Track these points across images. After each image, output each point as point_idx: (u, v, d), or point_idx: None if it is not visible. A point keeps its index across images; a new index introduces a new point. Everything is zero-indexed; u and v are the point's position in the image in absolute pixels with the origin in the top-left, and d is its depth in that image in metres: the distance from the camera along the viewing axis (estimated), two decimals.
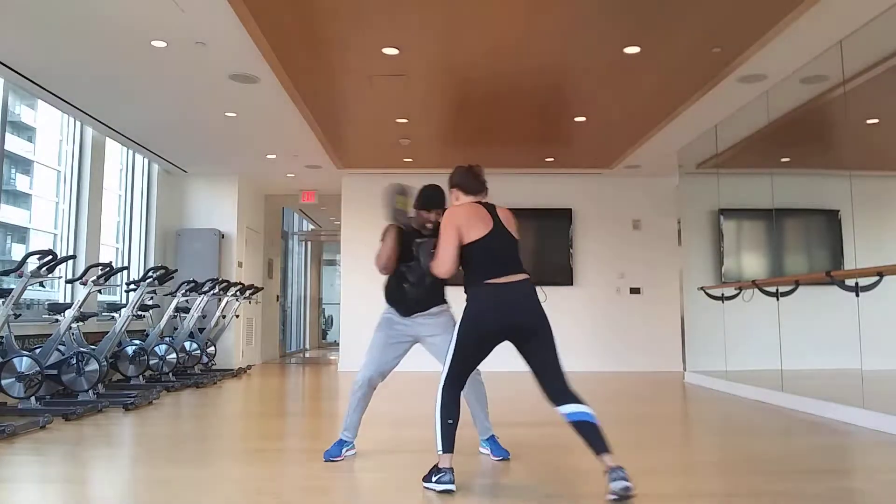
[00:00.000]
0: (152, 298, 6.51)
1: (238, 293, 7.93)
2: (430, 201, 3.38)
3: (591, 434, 2.68)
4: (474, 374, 3.54)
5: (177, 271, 6.62)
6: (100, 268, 5.46)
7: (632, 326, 8.70)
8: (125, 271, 7.44)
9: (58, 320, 5.17)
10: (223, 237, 8.74)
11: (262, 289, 9.22)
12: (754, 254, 6.80)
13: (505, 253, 2.94)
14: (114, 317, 6.30)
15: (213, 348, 7.90)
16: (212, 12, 4.16)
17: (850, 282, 4.42)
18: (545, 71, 5.37)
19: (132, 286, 6.07)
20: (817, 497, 2.82)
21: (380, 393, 3.70)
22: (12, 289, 4.46)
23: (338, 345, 9.89)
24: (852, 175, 4.65)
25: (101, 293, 6.86)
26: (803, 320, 5.42)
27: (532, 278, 2.98)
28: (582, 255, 8.87)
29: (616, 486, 2.55)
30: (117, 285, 7.44)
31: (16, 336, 4.82)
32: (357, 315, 8.76)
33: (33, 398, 4.73)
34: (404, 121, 6.69)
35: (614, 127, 6.87)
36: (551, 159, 8.24)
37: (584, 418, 2.69)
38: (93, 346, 5.42)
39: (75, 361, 5.06)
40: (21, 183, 6.54)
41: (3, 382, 4.59)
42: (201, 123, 6.65)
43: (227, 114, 6.27)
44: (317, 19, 4.45)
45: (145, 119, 6.50)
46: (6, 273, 4.68)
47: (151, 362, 6.46)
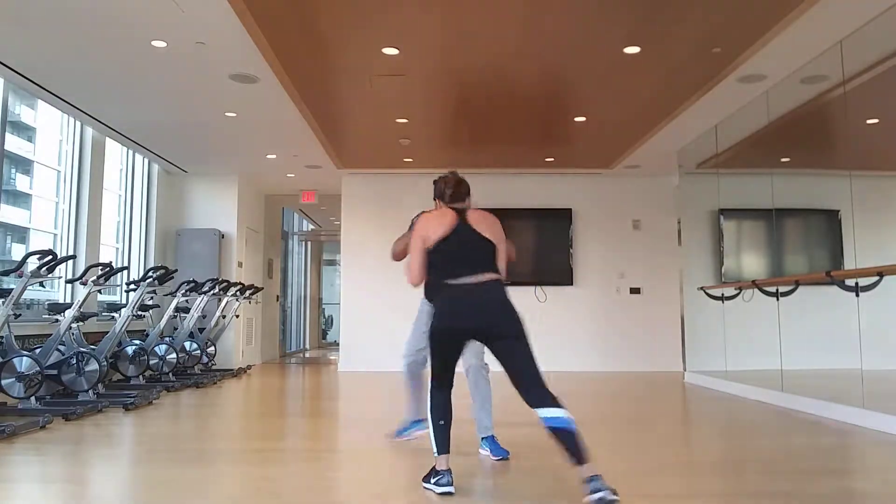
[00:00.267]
0: (152, 298, 6.51)
1: (238, 293, 7.93)
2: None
3: (568, 442, 2.54)
4: (481, 371, 3.65)
5: (177, 271, 6.61)
6: (100, 268, 5.46)
7: (632, 326, 8.70)
8: (125, 271, 7.44)
9: (58, 320, 5.17)
10: (223, 237, 8.74)
11: (262, 289, 9.21)
12: (754, 254, 6.80)
13: (467, 254, 2.86)
14: (114, 317, 6.30)
15: (213, 348, 7.90)
16: (212, 12, 4.16)
17: (850, 282, 4.42)
18: (545, 71, 5.37)
19: (132, 286, 6.07)
20: (817, 497, 2.82)
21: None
22: (12, 289, 4.46)
23: (338, 345, 9.89)
24: (852, 175, 4.65)
25: (101, 293, 6.86)
26: (803, 320, 5.42)
27: (532, 278, 2.98)
28: (582, 255, 8.87)
29: (593, 498, 2.41)
30: (117, 285, 7.44)
31: (16, 336, 4.82)
32: (357, 315, 8.76)
33: (33, 398, 4.73)
34: (404, 121, 6.69)
35: (614, 127, 6.87)
36: (551, 159, 8.24)
37: (562, 425, 2.56)
38: (93, 346, 5.42)
39: (75, 361, 5.06)
40: (21, 183, 6.54)
41: (3, 382, 4.59)
42: (201, 123, 6.65)
43: (227, 114, 6.27)
44: (317, 19, 4.45)
45: (145, 119, 6.50)
46: (6, 273, 4.68)
47: (151, 362, 6.46)
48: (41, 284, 5.79)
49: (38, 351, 4.91)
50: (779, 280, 5.54)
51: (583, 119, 6.62)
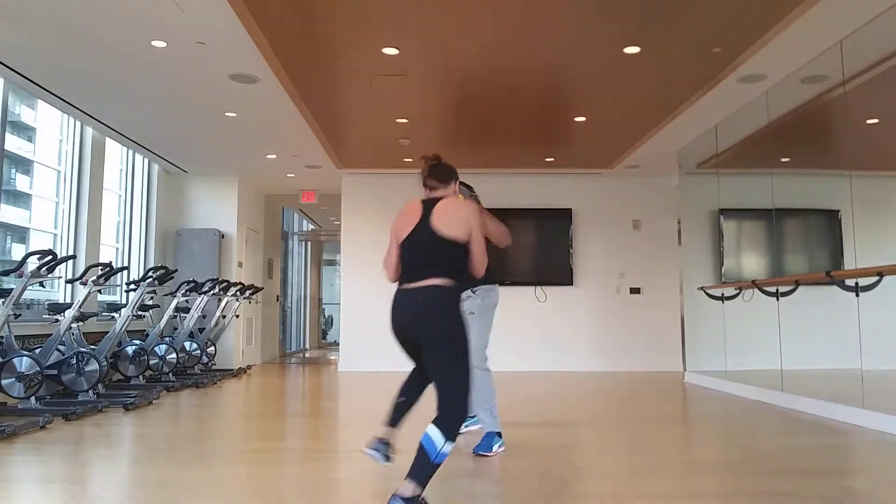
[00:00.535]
0: (152, 298, 6.51)
1: (238, 293, 7.94)
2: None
3: (419, 456, 2.39)
4: (485, 373, 3.73)
5: (177, 271, 6.62)
6: (100, 268, 5.46)
7: (632, 326, 8.70)
8: (125, 271, 7.45)
9: (58, 320, 5.17)
10: (223, 237, 8.74)
11: (262, 289, 9.22)
12: (754, 254, 6.80)
13: (416, 256, 2.67)
14: (114, 317, 6.30)
15: (213, 348, 7.90)
16: (212, 12, 4.16)
17: (850, 282, 4.42)
18: (545, 71, 5.37)
19: (132, 286, 6.07)
20: (817, 497, 2.82)
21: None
22: (12, 289, 4.46)
23: (338, 345, 9.89)
24: (852, 175, 4.65)
25: (101, 293, 6.86)
26: (803, 320, 5.42)
27: (532, 278, 2.95)
28: (582, 255, 8.87)
29: None
30: (117, 285, 7.45)
31: (16, 336, 4.82)
32: (357, 315, 8.76)
33: (33, 398, 4.73)
34: (404, 121, 6.69)
35: (614, 127, 6.87)
36: (551, 159, 8.24)
37: (425, 442, 2.40)
38: (93, 346, 5.42)
39: (75, 361, 5.06)
40: (21, 183, 6.54)
41: (3, 382, 4.59)
42: (201, 123, 6.65)
43: (227, 114, 6.27)
44: (317, 19, 4.45)
45: (145, 119, 6.50)
46: (6, 273, 4.68)
47: (151, 362, 6.46)
48: (41, 284, 5.79)
49: (38, 351, 4.91)
50: (779, 280, 5.54)
51: (583, 119, 6.63)
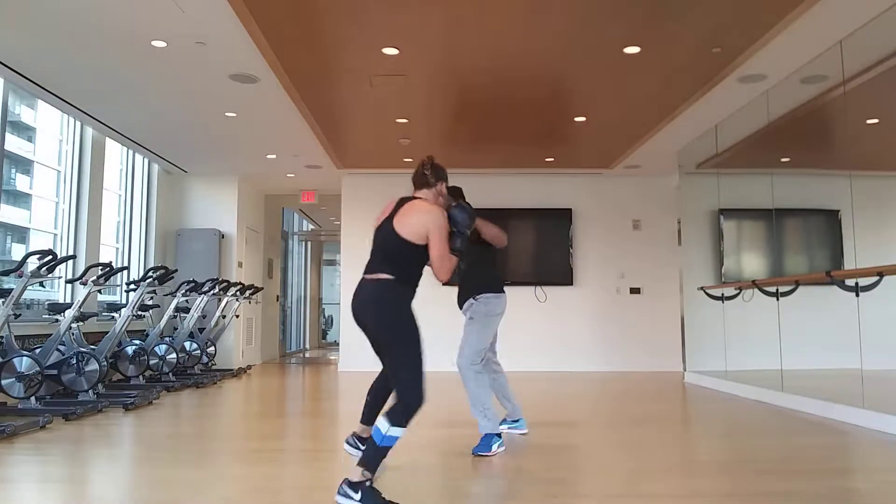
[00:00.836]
0: (152, 298, 6.52)
1: (238, 293, 7.94)
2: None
3: (368, 446, 2.61)
4: (494, 365, 4.08)
5: (177, 271, 6.62)
6: (100, 268, 5.46)
7: (632, 326, 8.70)
8: (125, 271, 7.45)
9: (58, 320, 5.17)
10: (223, 237, 8.74)
11: (262, 289, 9.22)
12: (754, 254, 6.80)
13: (375, 250, 2.90)
14: (114, 317, 6.30)
15: (213, 348, 7.90)
16: (212, 12, 4.16)
17: (850, 282, 4.42)
18: (545, 71, 5.37)
19: (132, 286, 6.07)
20: (817, 497, 2.82)
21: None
22: (12, 289, 4.46)
23: (338, 345, 9.89)
24: (852, 175, 4.65)
25: (101, 293, 6.87)
26: (803, 320, 5.42)
27: (532, 278, 2.99)
28: (582, 255, 8.87)
29: (337, 496, 2.51)
30: (117, 285, 7.45)
31: (16, 336, 4.82)
32: None
33: (33, 398, 4.73)
34: (404, 121, 6.69)
35: (614, 127, 6.87)
36: (551, 159, 8.24)
37: (374, 433, 2.60)
38: (93, 346, 5.42)
39: (75, 361, 5.06)
40: (21, 183, 6.54)
41: (3, 382, 4.59)
42: (201, 123, 6.65)
43: (227, 114, 6.27)
44: (317, 19, 4.45)
45: (145, 119, 6.50)
46: (6, 273, 4.68)
47: (151, 362, 6.47)
48: (41, 284, 5.79)
49: (38, 351, 4.91)
50: (779, 280, 5.54)
51: (583, 119, 6.63)
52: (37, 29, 4.44)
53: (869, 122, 5.01)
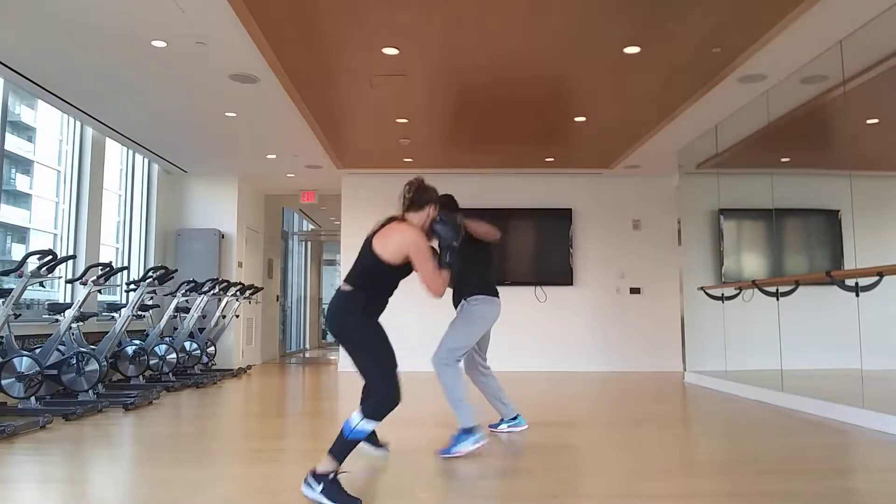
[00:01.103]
0: (152, 298, 6.51)
1: (238, 293, 7.93)
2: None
3: (337, 439, 2.68)
4: (477, 368, 4.13)
5: (177, 271, 6.62)
6: (100, 268, 5.46)
7: (632, 326, 8.70)
8: (125, 271, 7.44)
9: (58, 320, 5.17)
10: (223, 237, 8.74)
11: (262, 289, 9.22)
12: (754, 254, 6.80)
13: (356, 259, 3.03)
14: (114, 317, 6.30)
15: (213, 348, 7.90)
16: (212, 12, 4.16)
17: (850, 282, 4.42)
18: (545, 71, 5.37)
19: (132, 286, 6.07)
20: (817, 497, 2.82)
21: None
22: (12, 289, 4.46)
23: (338, 345, 9.88)
24: (852, 175, 4.65)
25: (101, 293, 6.86)
26: (803, 320, 5.42)
27: (532, 278, 3.00)
28: (582, 255, 8.87)
29: (303, 486, 2.63)
30: (117, 285, 7.44)
31: (16, 336, 4.82)
32: None
33: (33, 398, 4.73)
34: (404, 121, 6.68)
35: (614, 127, 6.87)
36: (551, 159, 8.24)
37: (344, 426, 2.68)
38: (93, 346, 5.42)
39: (75, 361, 5.06)
40: (21, 183, 6.54)
41: (3, 382, 4.59)
42: (201, 123, 6.65)
43: (227, 114, 6.27)
44: (317, 19, 4.45)
45: (145, 119, 6.50)
46: (6, 273, 4.68)
47: (151, 362, 6.46)
48: (41, 284, 5.79)
49: (38, 351, 4.91)
50: (779, 280, 5.54)
51: (583, 119, 6.62)
52: (37, 29, 4.44)
53: (869, 122, 5.01)
